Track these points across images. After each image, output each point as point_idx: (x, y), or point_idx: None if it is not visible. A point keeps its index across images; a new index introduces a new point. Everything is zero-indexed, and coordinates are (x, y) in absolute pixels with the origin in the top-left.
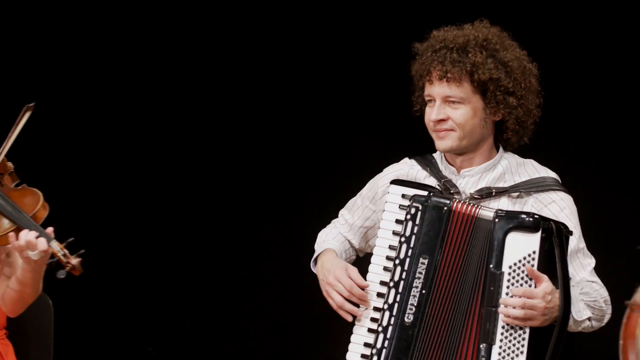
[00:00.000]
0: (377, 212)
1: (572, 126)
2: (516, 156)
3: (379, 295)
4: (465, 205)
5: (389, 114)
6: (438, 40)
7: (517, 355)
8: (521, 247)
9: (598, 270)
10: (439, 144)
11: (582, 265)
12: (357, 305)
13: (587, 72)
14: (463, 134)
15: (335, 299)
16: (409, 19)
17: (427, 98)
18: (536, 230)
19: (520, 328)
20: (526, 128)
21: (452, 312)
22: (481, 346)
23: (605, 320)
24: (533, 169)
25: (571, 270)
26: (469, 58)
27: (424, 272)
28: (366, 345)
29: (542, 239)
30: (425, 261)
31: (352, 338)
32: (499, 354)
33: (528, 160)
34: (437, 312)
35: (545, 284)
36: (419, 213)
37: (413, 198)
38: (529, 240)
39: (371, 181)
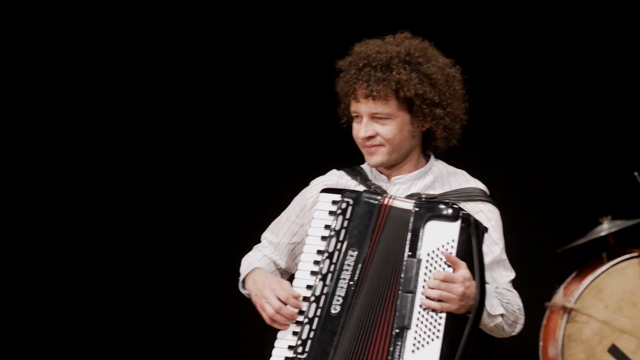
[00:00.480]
0: (305, 225)
1: (488, 131)
2: (447, 165)
3: (309, 287)
4: (392, 200)
5: (310, 131)
6: (361, 57)
7: (432, 340)
8: (440, 235)
9: (519, 272)
10: (370, 159)
11: (501, 276)
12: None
13: (506, 76)
14: (392, 148)
15: (268, 312)
16: (339, 33)
17: (353, 114)
18: (455, 220)
19: (436, 313)
20: (454, 133)
21: (376, 301)
22: (396, 331)
23: (517, 329)
24: (464, 179)
25: (490, 278)
26: (393, 76)
27: (352, 264)
28: (294, 334)
29: (461, 229)
30: (355, 254)
31: (279, 334)
32: (414, 338)
33: (460, 170)
34: (362, 302)
35: (463, 270)
36: (350, 207)
37: (345, 194)
38: (448, 228)
39: (297, 196)
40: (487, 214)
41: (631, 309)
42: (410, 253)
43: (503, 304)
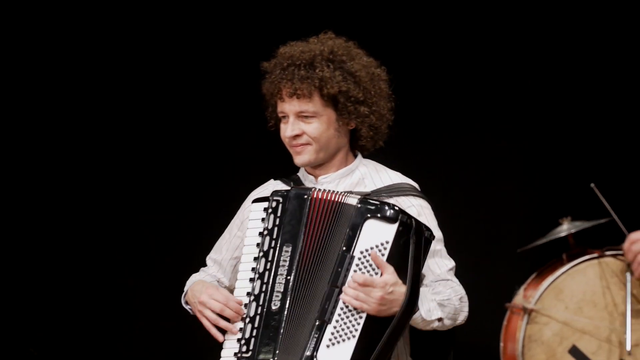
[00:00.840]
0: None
1: (449, 131)
2: (376, 163)
3: (249, 294)
4: (326, 193)
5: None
6: (285, 57)
7: (348, 338)
8: (376, 234)
9: (480, 273)
10: (297, 159)
11: (438, 266)
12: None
13: (468, 75)
14: (319, 146)
15: (209, 317)
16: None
17: (280, 115)
18: (394, 222)
19: (358, 313)
20: (380, 132)
21: (312, 293)
22: (317, 323)
23: (461, 318)
24: (395, 176)
25: (427, 270)
26: (316, 73)
27: (288, 259)
28: (238, 340)
29: (398, 232)
30: (289, 249)
31: (227, 335)
32: (332, 333)
33: (391, 170)
34: (300, 295)
35: (389, 276)
36: (280, 205)
37: (273, 192)
38: (385, 229)
39: (239, 210)
40: (418, 208)
41: (591, 309)
42: (345, 248)
43: (442, 303)
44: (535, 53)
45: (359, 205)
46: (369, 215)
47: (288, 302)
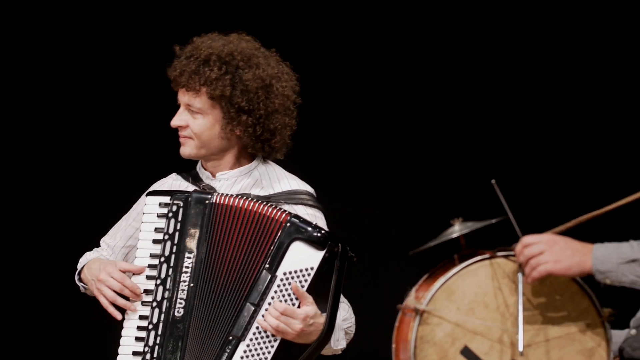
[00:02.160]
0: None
1: (342, 131)
2: (275, 165)
3: (147, 292)
4: (238, 200)
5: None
6: (192, 48)
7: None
8: (302, 258)
9: (372, 275)
10: (181, 150)
11: None
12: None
13: (361, 78)
14: (200, 143)
15: (107, 295)
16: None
17: (178, 102)
18: (322, 248)
19: (272, 337)
20: (273, 145)
21: (221, 302)
22: (230, 337)
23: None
24: (293, 181)
25: None
26: (205, 72)
27: (191, 266)
28: (138, 339)
29: (324, 259)
30: (191, 255)
31: (122, 340)
32: (244, 351)
33: (290, 174)
34: (206, 303)
35: (310, 307)
36: (181, 210)
37: (174, 197)
38: (311, 255)
39: (139, 199)
40: (312, 218)
41: (483, 310)
42: (267, 266)
43: (347, 331)
44: (428, 53)
45: (288, 225)
46: (297, 236)
47: (193, 310)
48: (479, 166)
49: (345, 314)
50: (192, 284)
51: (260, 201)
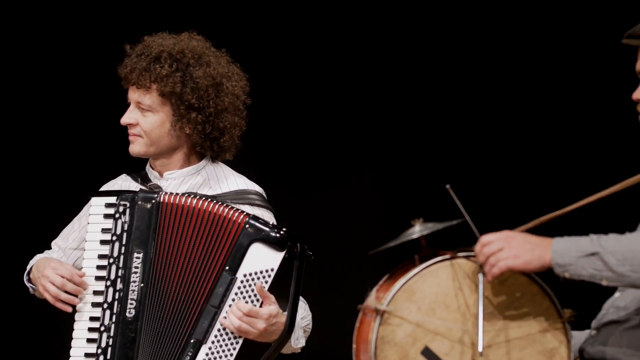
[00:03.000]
0: None
1: (301, 132)
2: (224, 165)
3: (96, 293)
4: (179, 197)
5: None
6: (143, 46)
7: None
8: (262, 260)
9: (333, 275)
10: (130, 147)
11: None
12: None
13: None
14: (150, 141)
15: (50, 290)
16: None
17: (128, 101)
18: (281, 249)
19: (235, 337)
20: (222, 146)
21: (177, 303)
22: (192, 340)
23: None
24: (241, 181)
25: None
26: (156, 69)
27: (140, 266)
28: (90, 341)
29: (284, 259)
30: (140, 255)
31: (74, 342)
32: (207, 354)
33: (239, 174)
34: (159, 303)
35: (272, 306)
36: (128, 210)
37: (120, 197)
38: (271, 256)
39: (89, 201)
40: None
41: (444, 311)
42: (227, 268)
43: (305, 331)
44: (388, 55)
45: (247, 226)
46: (256, 237)
47: (145, 310)
48: (440, 167)
49: (303, 312)
50: (142, 284)
51: (211, 200)
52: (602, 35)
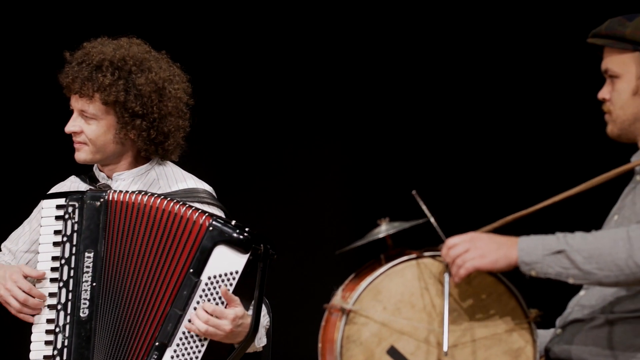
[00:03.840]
0: None
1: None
2: (174, 166)
3: (52, 295)
4: (127, 194)
5: None
6: (83, 53)
7: None
8: (226, 262)
9: (300, 274)
10: (76, 155)
11: None
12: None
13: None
14: (95, 148)
15: (13, 305)
16: None
17: (71, 108)
18: (245, 252)
19: (200, 340)
20: (167, 149)
21: (135, 303)
22: (157, 343)
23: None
24: (190, 179)
25: None
26: (99, 78)
27: (91, 266)
28: (47, 343)
29: (248, 261)
30: (91, 255)
31: (32, 346)
32: (172, 357)
33: (188, 174)
34: (113, 302)
35: (238, 308)
36: (77, 210)
37: (69, 198)
38: (235, 259)
39: (39, 204)
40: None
41: (409, 310)
42: (192, 270)
43: (266, 329)
44: (353, 55)
45: (211, 228)
46: (220, 240)
47: (99, 309)
48: (406, 167)
49: (266, 313)
50: (94, 284)
51: (164, 198)
52: (567, 34)
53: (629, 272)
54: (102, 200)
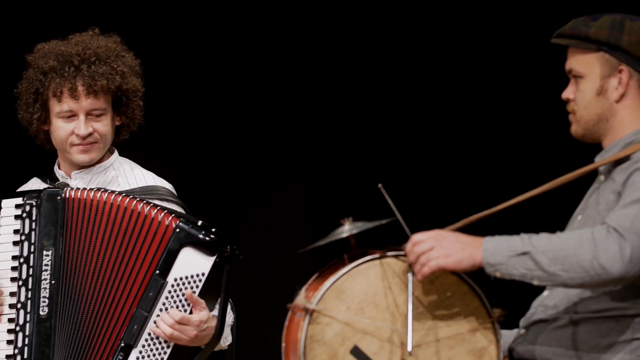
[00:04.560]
0: None
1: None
2: (130, 161)
3: (12, 295)
4: (85, 191)
5: None
6: (71, 54)
7: None
8: (193, 264)
9: (263, 274)
10: (83, 157)
11: None
12: None
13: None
14: (105, 144)
15: None
16: None
17: (62, 114)
18: (212, 254)
19: (165, 342)
20: (135, 127)
21: (97, 302)
22: (122, 344)
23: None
24: (149, 176)
25: None
26: (114, 69)
27: (50, 264)
28: (9, 342)
29: (215, 264)
30: (50, 253)
31: None
32: (137, 357)
33: (146, 170)
34: (74, 300)
35: (203, 312)
36: (35, 208)
37: (27, 196)
38: (202, 261)
39: None
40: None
41: (373, 310)
42: (158, 272)
43: (230, 327)
44: (313, 53)
45: (178, 230)
46: (187, 241)
47: (58, 307)
48: (370, 166)
49: (230, 312)
50: (53, 281)
51: (126, 195)
52: (531, 34)
53: (594, 274)
54: (59, 197)
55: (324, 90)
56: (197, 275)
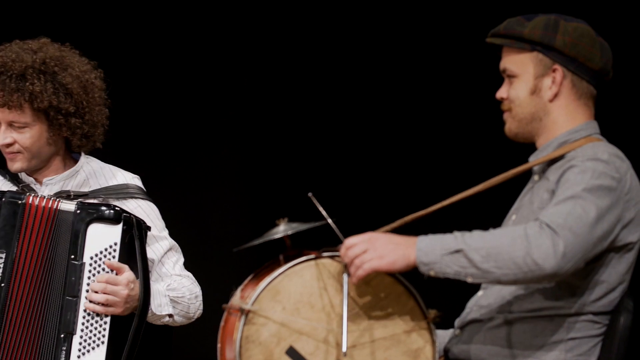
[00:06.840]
0: None
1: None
2: (100, 162)
3: None
4: (45, 200)
5: None
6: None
7: (97, 346)
8: (103, 238)
9: (198, 273)
10: (10, 165)
11: (173, 263)
12: None
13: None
14: (31, 155)
15: None
16: None
17: None
18: (117, 222)
19: (101, 318)
20: (95, 137)
21: (41, 303)
22: (62, 335)
23: (195, 315)
24: (121, 176)
25: (165, 268)
26: (27, 87)
27: (2, 266)
28: None
29: (124, 231)
30: (3, 255)
31: None
32: (80, 343)
33: (114, 167)
34: (21, 303)
35: (127, 273)
36: None
37: None
38: (110, 231)
39: None
40: (146, 209)
41: (309, 310)
42: (72, 256)
43: (175, 300)
44: (249, 56)
45: (78, 211)
46: (89, 219)
47: (7, 310)
48: (304, 167)
49: (176, 285)
50: (2, 284)
51: (54, 198)
52: (465, 33)
53: (527, 270)
54: (20, 202)
55: (258, 91)
56: (111, 247)
